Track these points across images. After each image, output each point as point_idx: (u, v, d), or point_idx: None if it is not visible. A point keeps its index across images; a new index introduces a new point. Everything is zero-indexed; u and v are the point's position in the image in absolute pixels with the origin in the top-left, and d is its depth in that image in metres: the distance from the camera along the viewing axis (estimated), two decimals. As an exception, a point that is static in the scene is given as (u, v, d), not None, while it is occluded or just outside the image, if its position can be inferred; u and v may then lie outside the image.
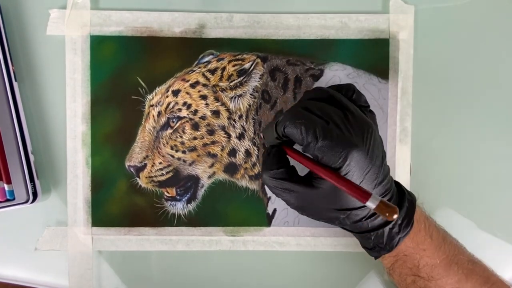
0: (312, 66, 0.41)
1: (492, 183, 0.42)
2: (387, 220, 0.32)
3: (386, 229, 0.32)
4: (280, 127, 0.31)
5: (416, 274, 0.34)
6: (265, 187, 0.42)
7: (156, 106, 0.41)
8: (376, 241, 0.33)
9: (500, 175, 0.42)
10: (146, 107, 0.41)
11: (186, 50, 0.41)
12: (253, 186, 0.42)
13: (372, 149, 0.30)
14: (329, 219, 0.33)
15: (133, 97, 0.41)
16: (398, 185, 0.34)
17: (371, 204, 0.27)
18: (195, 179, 0.41)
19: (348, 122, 0.30)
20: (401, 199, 0.33)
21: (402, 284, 0.35)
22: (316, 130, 0.29)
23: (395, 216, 0.26)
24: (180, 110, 0.41)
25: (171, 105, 0.41)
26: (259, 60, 0.41)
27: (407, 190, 0.34)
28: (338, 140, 0.29)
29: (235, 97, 0.41)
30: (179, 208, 0.42)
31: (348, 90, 0.33)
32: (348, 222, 0.32)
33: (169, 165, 0.41)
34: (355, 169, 0.30)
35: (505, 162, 0.42)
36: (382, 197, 0.32)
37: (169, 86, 0.41)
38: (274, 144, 0.34)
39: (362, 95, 0.33)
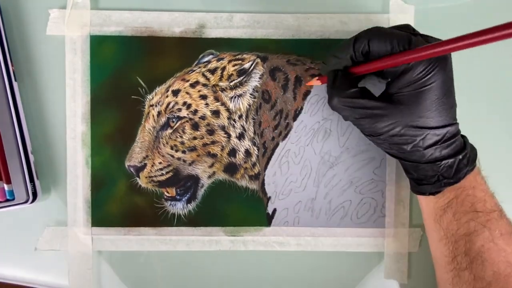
0: (312, 66, 0.41)
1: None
2: (459, 149, 0.32)
3: (457, 158, 0.32)
4: (362, 43, 0.30)
5: (475, 210, 0.33)
6: (265, 187, 0.42)
7: (156, 106, 0.41)
8: (443, 172, 0.32)
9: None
10: (146, 107, 0.41)
11: (186, 50, 0.41)
12: (253, 186, 0.42)
13: (452, 67, 0.31)
14: (403, 142, 0.32)
15: (133, 97, 0.41)
16: None
17: None
18: (195, 179, 0.41)
19: (423, 37, 0.31)
20: (463, 138, 0.34)
21: (452, 227, 0.34)
22: (409, 39, 0.29)
23: None
24: (180, 110, 0.41)
25: (171, 105, 0.41)
26: (259, 60, 0.41)
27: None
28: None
29: (235, 97, 0.41)
30: (179, 208, 0.41)
31: (407, 28, 0.32)
32: (423, 145, 0.31)
33: (169, 165, 0.41)
34: (439, 82, 0.30)
35: (503, 162, 0.42)
36: (455, 124, 0.32)
37: (169, 86, 0.41)
38: (337, 68, 0.33)
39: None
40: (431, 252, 0.37)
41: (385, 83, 0.33)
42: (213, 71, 0.41)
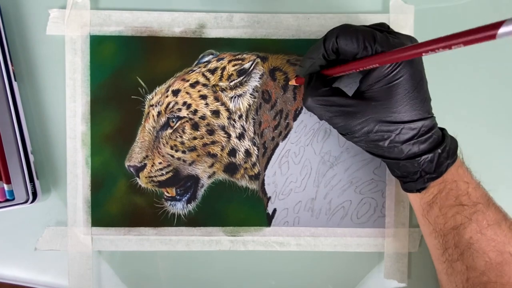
0: (312, 66, 0.41)
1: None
2: (438, 143, 0.33)
3: (436, 152, 0.32)
4: (330, 41, 0.32)
5: (460, 203, 0.33)
6: (265, 187, 0.42)
7: (156, 106, 0.41)
8: (424, 167, 0.33)
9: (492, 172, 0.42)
10: (146, 107, 0.41)
11: (186, 50, 0.41)
12: (253, 186, 0.42)
13: (421, 61, 0.32)
14: (379, 139, 0.32)
15: (133, 97, 0.41)
16: None
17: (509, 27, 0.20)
18: (195, 179, 0.41)
19: (395, 35, 0.32)
20: (442, 130, 0.34)
21: (440, 221, 0.34)
22: (374, 34, 0.30)
23: None
24: (180, 110, 0.41)
25: (171, 105, 0.41)
26: (259, 60, 0.41)
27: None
28: (395, 44, 0.30)
29: (235, 97, 0.41)
30: (179, 208, 0.41)
31: (382, 25, 0.33)
32: (400, 140, 0.32)
33: (169, 165, 0.41)
34: (407, 76, 0.30)
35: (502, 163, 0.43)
36: (430, 117, 0.32)
37: (169, 86, 0.41)
38: (313, 71, 0.35)
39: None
40: (426, 243, 0.38)
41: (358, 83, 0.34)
42: (213, 71, 0.41)
